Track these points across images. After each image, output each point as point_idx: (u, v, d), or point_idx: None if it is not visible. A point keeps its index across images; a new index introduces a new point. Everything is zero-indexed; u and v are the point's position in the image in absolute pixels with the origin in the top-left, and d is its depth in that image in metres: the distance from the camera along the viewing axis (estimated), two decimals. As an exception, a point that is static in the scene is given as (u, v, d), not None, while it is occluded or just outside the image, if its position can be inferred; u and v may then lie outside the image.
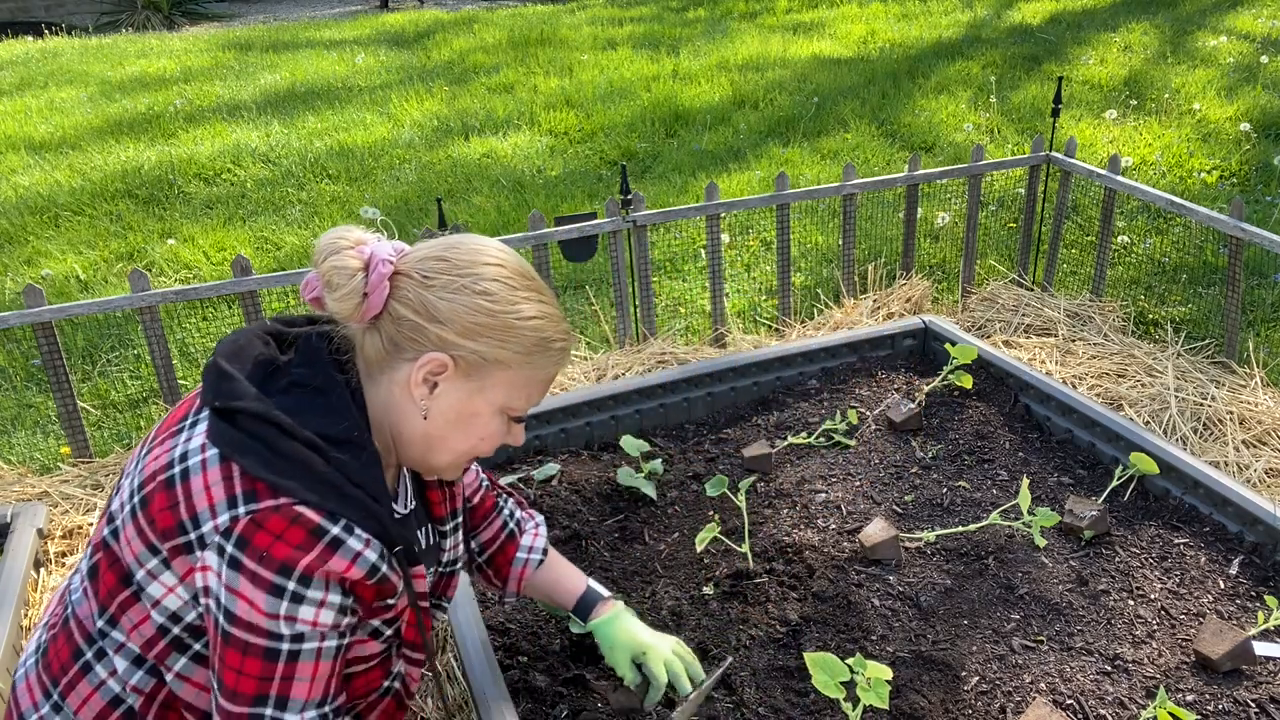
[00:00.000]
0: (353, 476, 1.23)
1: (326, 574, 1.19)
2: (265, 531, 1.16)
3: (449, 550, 1.61)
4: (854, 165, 3.50)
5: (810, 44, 7.95)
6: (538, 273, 1.38)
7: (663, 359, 3.16)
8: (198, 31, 10.13)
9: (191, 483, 1.20)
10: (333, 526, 1.19)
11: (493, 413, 1.34)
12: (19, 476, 2.84)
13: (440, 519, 1.57)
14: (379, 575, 1.24)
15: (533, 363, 1.32)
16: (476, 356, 1.28)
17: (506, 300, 1.28)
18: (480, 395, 1.31)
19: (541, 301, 1.32)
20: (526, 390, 1.35)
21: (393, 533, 1.26)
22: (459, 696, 1.97)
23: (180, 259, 4.47)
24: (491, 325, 1.27)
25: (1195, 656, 1.86)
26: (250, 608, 1.17)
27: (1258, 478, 2.51)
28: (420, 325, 1.26)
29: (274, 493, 1.18)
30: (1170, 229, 4.33)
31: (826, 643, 1.92)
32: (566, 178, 5.31)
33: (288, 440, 1.21)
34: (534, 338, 1.30)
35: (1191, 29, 7.59)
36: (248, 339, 1.33)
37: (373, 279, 1.25)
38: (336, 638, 1.25)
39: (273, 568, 1.16)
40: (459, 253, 1.30)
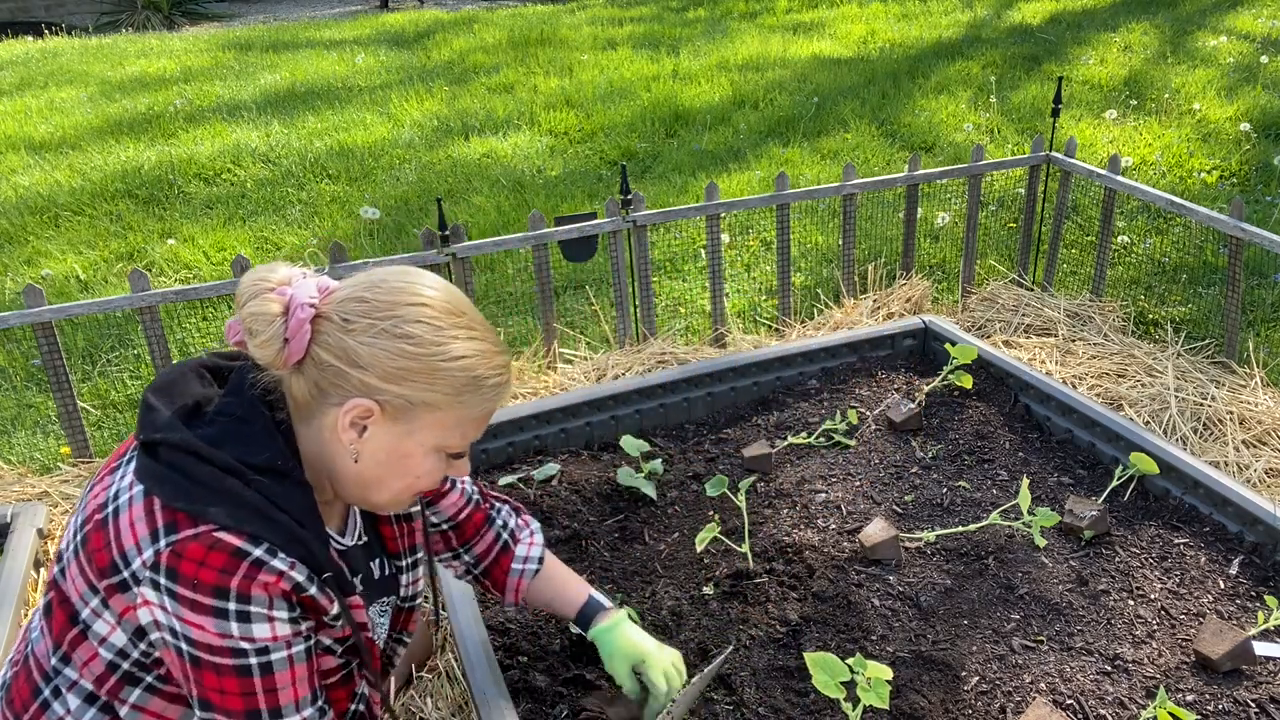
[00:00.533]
0: (277, 501, 1.21)
1: (264, 589, 1.18)
2: (188, 560, 1.15)
3: (406, 585, 1.59)
4: (854, 165, 3.50)
5: (810, 44, 7.95)
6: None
7: (663, 359, 3.16)
8: (198, 31, 10.13)
9: (120, 520, 1.20)
10: (254, 549, 1.18)
11: (425, 453, 1.30)
12: (19, 476, 2.84)
13: (395, 554, 1.56)
14: (307, 594, 1.23)
15: (464, 402, 1.28)
16: (402, 400, 1.25)
17: (430, 342, 1.24)
18: (410, 438, 1.28)
19: (471, 338, 1.28)
20: (460, 429, 1.31)
21: (320, 559, 1.24)
22: (459, 696, 1.97)
23: (180, 259, 4.47)
24: (416, 369, 1.24)
25: (1195, 656, 1.86)
26: (204, 632, 1.17)
27: (1258, 478, 2.51)
28: (342, 370, 1.23)
29: (193, 521, 1.17)
30: (1170, 229, 4.33)
31: (826, 643, 1.92)
32: (566, 178, 5.31)
33: (206, 467, 1.20)
34: (463, 378, 1.27)
35: (1191, 29, 7.59)
36: (180, 373, 1.32)
37: (292, 324, 1.22)
38: (302, 641, 1.25)
39: (208, 594, 1.16)
40: (380, 292, 1.25)
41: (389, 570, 1.56)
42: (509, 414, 2.60)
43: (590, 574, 2.16)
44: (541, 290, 3.14)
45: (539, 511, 2.37)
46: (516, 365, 3.15)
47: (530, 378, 3.12)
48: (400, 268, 1.31)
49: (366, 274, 1.29)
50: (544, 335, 3.24)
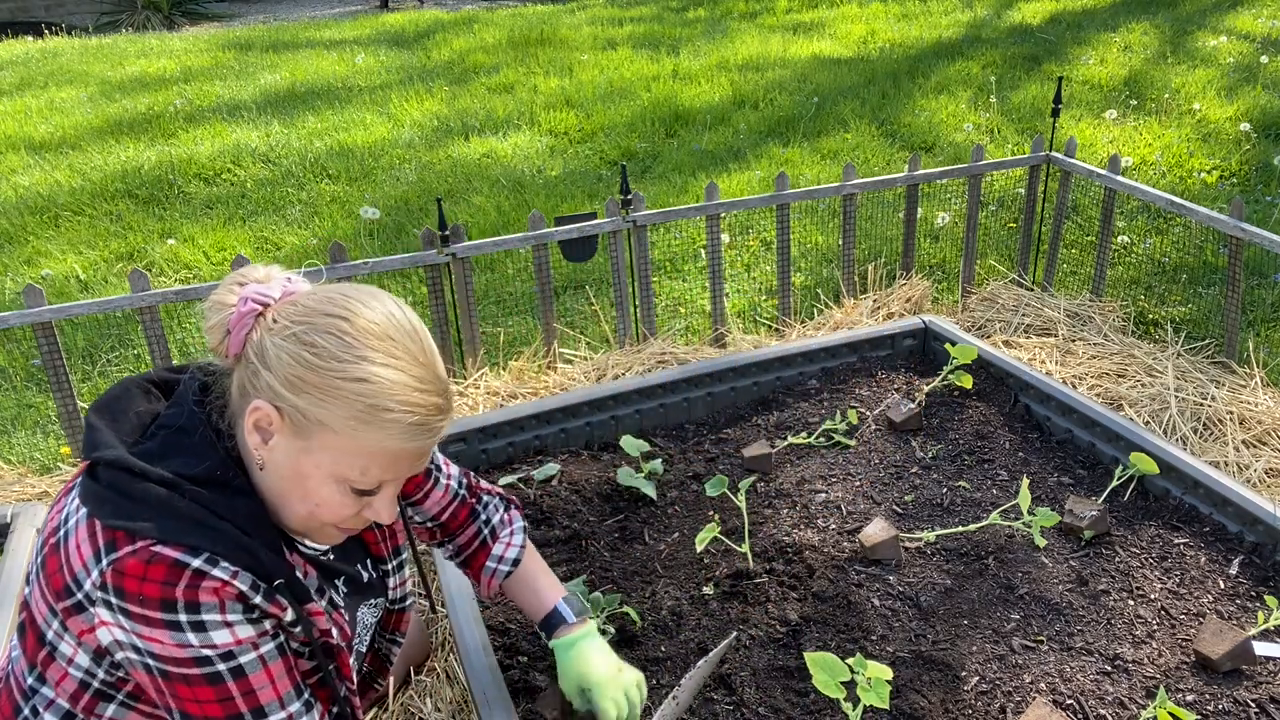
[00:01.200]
0: (217, 510, 1.19)
1: (212, 594, 1.16)
2: (130, 577, 1.14)
3: (394, 588, 1.58)
4: (854, 165, 3.50)
5: (810, 44, 7.95)
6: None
7: (663, 359, 3.16)
8: (198, 31, 10.13)
9: (69, 543, 1.20)
10: (193, 559, 1.16)
11: (323, 478, 1.23)
12: (19, 476, 2.84)
13: (380, 557, 1.54)
14: (253, 602, 1.21)
15: (359, 433, 1.19)
16: (298, 412, 1.19)
17: (333, 356, 1.17)
18: (307, 456, 1.22)
19: (388, 365, 1.19)
20: (360, 461, 1.21)
21: (269, 567, 1.21)
22: (459, 697, 1.97)
23: (180, 259, 4.47)
24: (311, 381, 1.18)
25: (1195, 656, 1.86)
26: (164, 646, 1.16)
27: (1258, 478, 2.51)
28: (256, 369, 1.20)
29: (131, 538, 1.16)
30: (1170, 229, 4.33)
31: (826, 643, 1.92)
32: (566, 178, 5.31)
33: (141, 483, 1.18)
34: (361, 403, 1.18)
35: (1191, 29, 7.59)
36: (124, 389, 1.31)
37: (234, 316, 1.21)
38: (270, 640, 1.23)
39: (155, 608, 1.14)
40: (317, 299, 1.22)
41: (376, 574, 1.55)
42: (509, 414, 2.60)
43: (590, 574, 2.16)
44: (541, 290, 3.14)
45: (539, 511, 2.37)
46: (516, 365, 3.15)
47: (530, 378, 3.12)
48: (359, 286, 1.27)
49: (333, 284, 1.27)
50: (544, 335, 3.23)
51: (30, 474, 2.89)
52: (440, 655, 2.07)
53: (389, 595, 1.58)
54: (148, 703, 1.26)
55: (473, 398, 2.98)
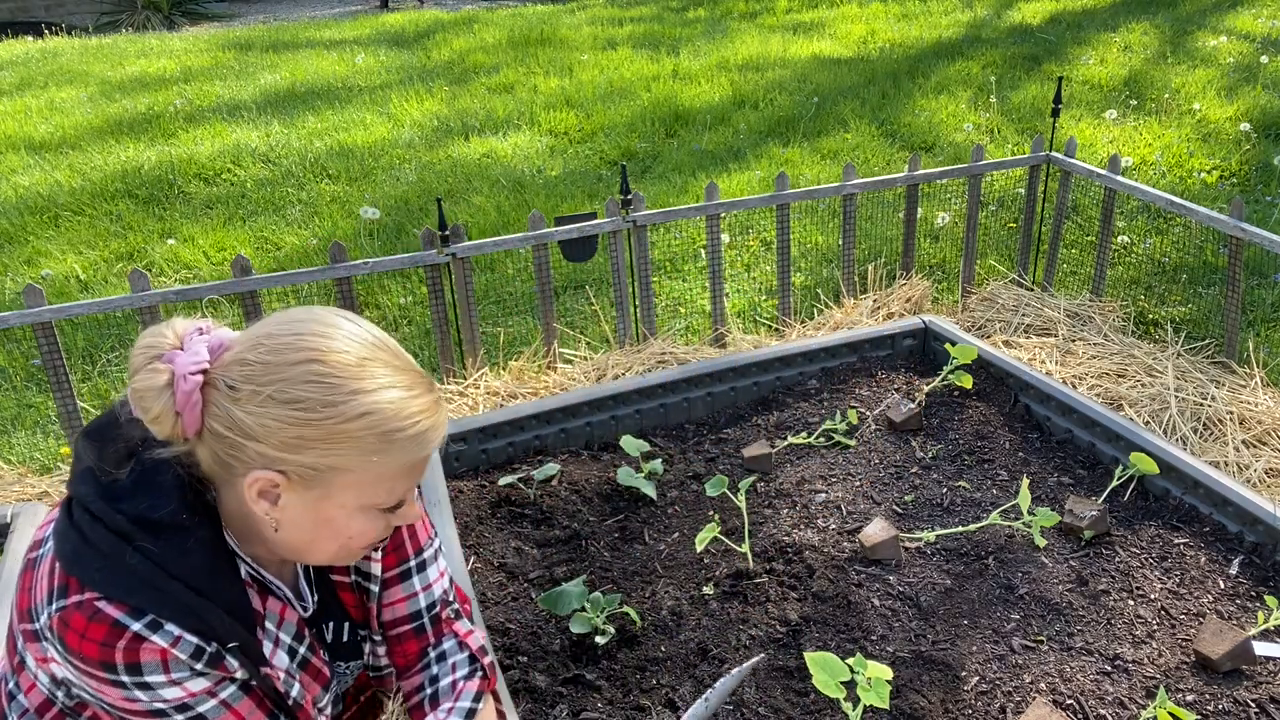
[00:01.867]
0: (167, 567, 1.12)
1: (156, 655, 1.11)
2: (71, 630, 1.09)
3: (369, 654, 1.44)
4: (854, 165, 3.50)
5: (810, 44, 7.95)
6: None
7: (663, 359, 3.16)
8: (198, 31, 10.13)
9: (39, 570, 1.16)
10: (133, 623, 1.09)
11: (350, 514, 1.18)
12: (19, 476, 2.84)
13: (360, 621, 1.42)
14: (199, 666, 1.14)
15: (379, 461, 1.15)
16: (305, 469, 1.13)
17: (321, 404, 1.11)
18: (328, 501, 1.16)
19: (380, 389, 1.14)
20: (385, 485, 1.18)
21: (218, 629, 1.14)
22: (459, 696, 1.97)
23: (180, 259, 4.47)
24: (311, 436, 1.11)
25: (1195, 656, 1.86)
26: (114, 699, 1.12)
27: (1258, 478, 2.51)
28: (237, 442, 1.12)
29: (80, 587, 1.10)
30: (1170, 229, 4.33)
31: (826, 643, 1.92)
32: (566, 178, 5.31)
33: (100, 529, 1.12)
34: (371, 436, 1.13)
35: (1191, 29, 7.59)
36: (112, 416, 1.23)
37: (179, 398, 1.11)
38: (230, 685, 1.18)
39: (96, 667, 1.10)
40: (266, 351, 1.12)
41: (356, 636, 1.43)
42: (509, 414, 2.60)
43: (590, 574, 2.16)
44: (541, 290, 3.14)
45: (539, 511, 2.37)
46: (516, 365, 3.15)
47: (530, 378, 3.12)
48: (293, 315, 1.17)
49: (259, 326, 1.17)
50: (544, 335, 3.24)
51: (30, 474, 2.89)
52: (440, 655, 2.07)
53: (365, 660, 1.45)
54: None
55: (473, 398, 2.99)
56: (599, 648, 1.91)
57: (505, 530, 2.32)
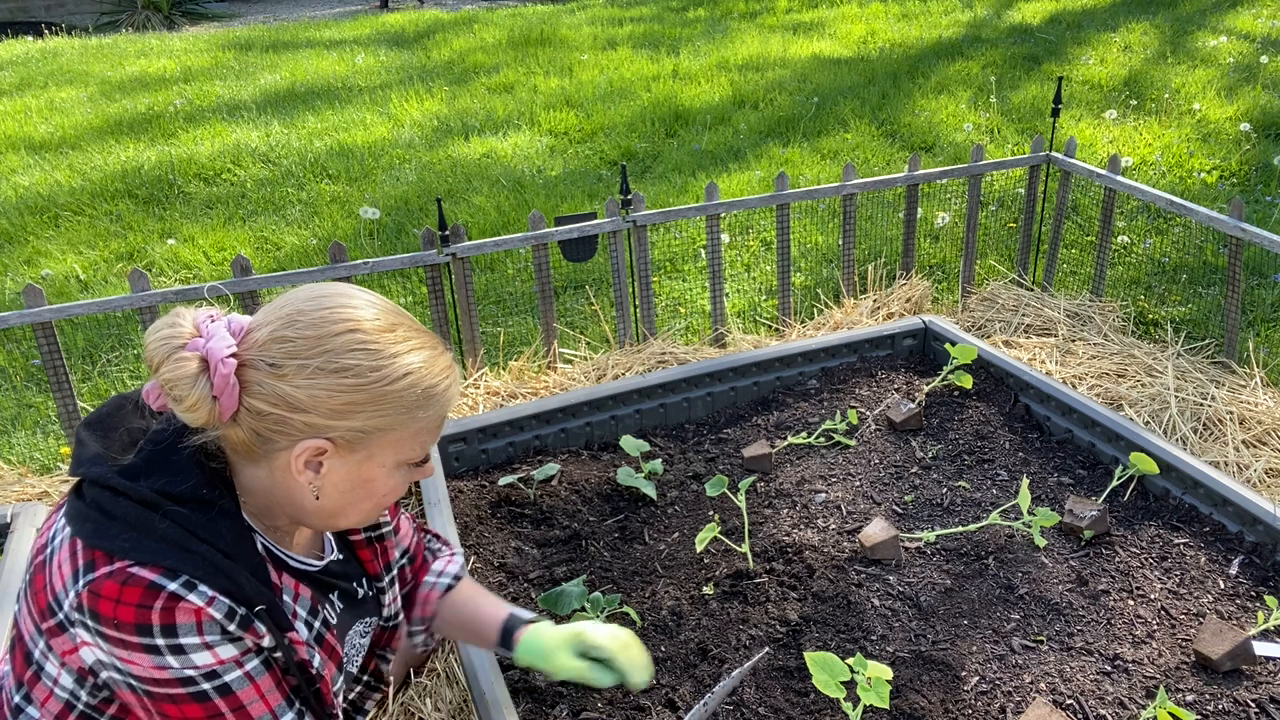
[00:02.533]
0: (197, 532, 1.16)
1: (191, 616, 1.13)
2: (104, 599, 1.11)
3: (388, 605, 1.56)
4: (854, 165, 3.50)
5: (810, 44, 7.95)
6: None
7: (663, 359, 3.16)
8: (198, 31, 10.13)
9: (54, 562, 1.18)
10: (169, 582, 1.12)
11: (388, 472, 1.27)
12: (19, 476, 2.84)
13: (375, 575, 1.53)
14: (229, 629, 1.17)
15: (417, 417, 1.24)
16: (354, 432, 1.20)
17: (370, 369, 1.18)
18: (370, 462, 1.24)
19: (412, 349, 1.22)
20: (420, 439, 1.27)
21: (249, 590, 1.18)
22: (458, 698, 1.97)
23: (180, 259, 4.47)
24: (362, 400, 1.19)
25: (1195, 656, 1.86)
26: (144, 669, 1.14)
27: (1258, 478, 2.51)
28: (283, 417, 1.17)
29: (109, 558, 1.13)
30: (1170, 229, 4.33)
31: (826, 643, 1.92)
32: (566, 178, 5.31)
33: (123, 501, 1.15)
34: (412, 395, 1.22)
35: (1191, 29, 7.59)
36: (116, 405, 1.28)
37: (217, 382, 1.15)
38: (255, 656, 1.21)
39: (130, 631, 1.12)
40: (303, 326, 1.18)
41: (371, 591, 1.53)
42: (509, 414, 2.60)
43: (590, 574, 2.16)
44: (541, 290, 3.14)
45: (539, 511, 2.37)
46: (516, 365, 3.15)
47: (530, 378, 3.12)
48: (314, 292, 1.23)
49: (280, 307, 1.21)
50: (544, 335, 3.23)
51: (30, 474, 2.88)
52: (440, 655, 2.07)
53: (383, 612, 1.56)
54: None
55: (473, 398, 2.98)
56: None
57: (505, 530, 2.32)
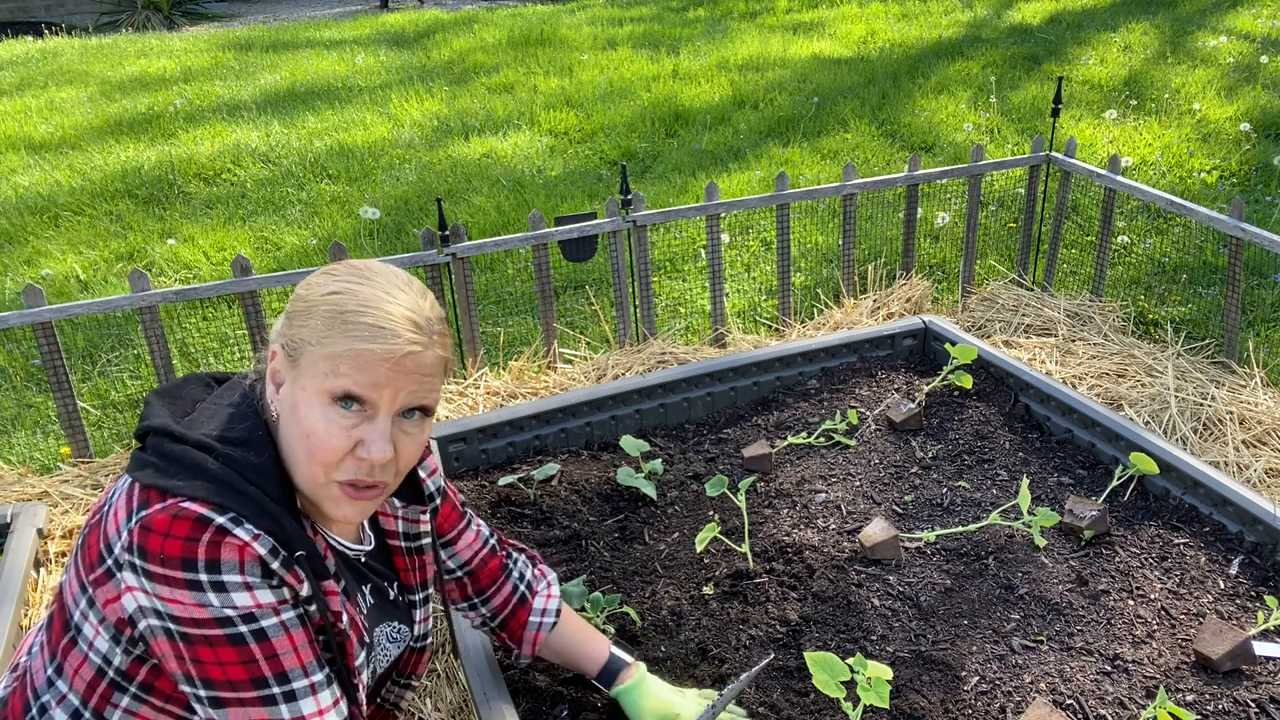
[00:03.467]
0: (247, 475, 1.23)
1: (234, 552, 1.17)
2: (154, 533, 1.16)
3: (420, 621, 1.56)
4: (854, 165, 3.50)
5: (810, 44, 7.95)
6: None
7: (663, 359, 3.16)
8: (198, 31, 10.13)
9: (110, 514, 1.23)
10: (218, 516, 1.18)
11: (310, 399, 1.25)
12: (19, 476, 2.84)
13: (409, 587, 1.55)
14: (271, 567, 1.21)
15: (331, 337, 1.25)
16: (290, 342, 1.28)
17: (315, 284, 1.30)
18: (297, 384, 1.27)
19: (363, 285, 1.28)
20: (331, 364, 1.25)
21: (291, 534, 1.23)
22: (458, 697, 1.97)
23: (180, 259, 4.47)
24: (298, 309, 1.29)
25: (1195, 656, 1.86)
26: (185, 607, 1.17)
27: (1258, 478, 2.51)
28: (276, 326, 1.33)
29: (162, 495, 1.19)
30: (1170, 229, 4.33)
31: (826, 643, 1.92)
32: (566, 178, 5.31)
33: (178, 445, 1.23)
34: (329, 311, 1.26)
35: (1191, 29, 7.59)
36: (185, 380, 1.39)
37: None
38: (292, 609, 1.24)
39: (175, 566, 1.16)
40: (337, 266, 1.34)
41: (403, 598, 1.54)
42: (509, 414, 2.60)
43: (590, 574, 2.16)
44: (541, 290, 3.14)
45: (539, 511, 2.37)
46: (516, 365, 3.15)
47: (530, 378, 3.12)
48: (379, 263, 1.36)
49: None
50: (544, 335, 3.24)
51: (30, 474, 2.88)
52: (440, 656, 2.07)
53: (414, 629, 1.56)
54: (159, 695, 1.25)
55: (473, 398, 2.98)
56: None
57: (505, 530, 2.32)
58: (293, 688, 1.23)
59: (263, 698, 1.21)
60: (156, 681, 1.25)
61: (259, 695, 1.21)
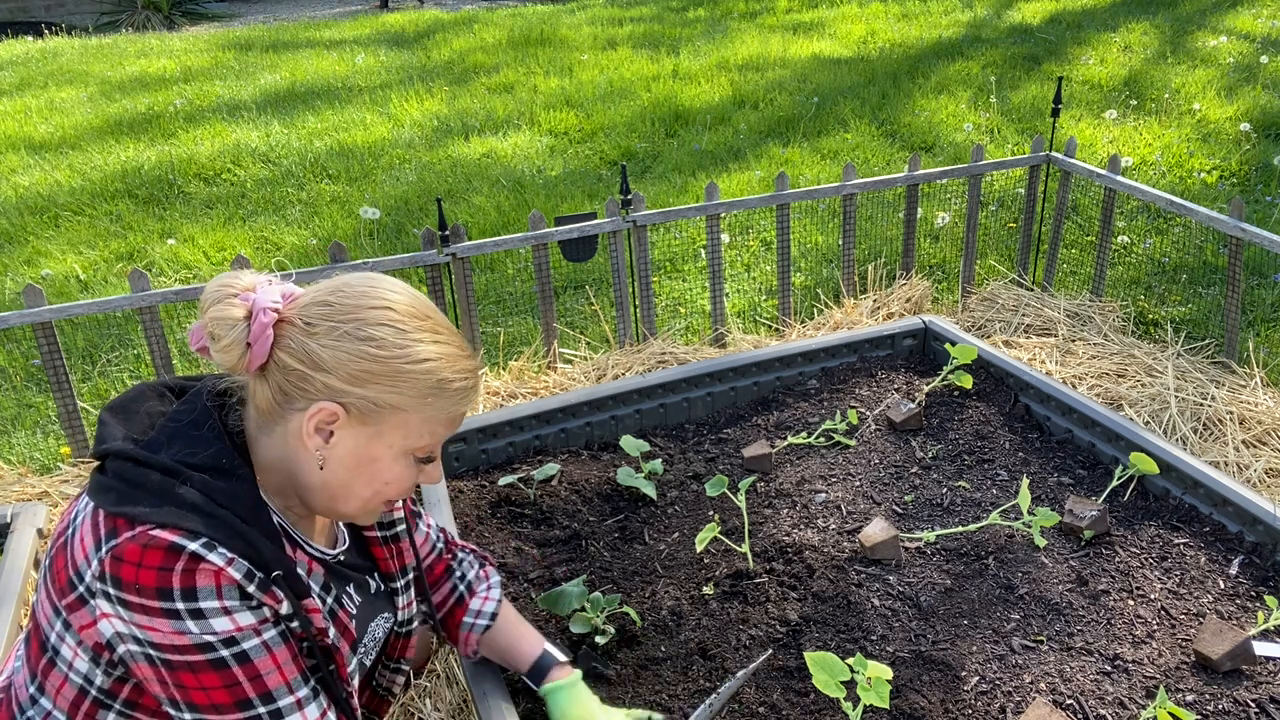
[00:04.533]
0: (216, 498, 1.20)
1: (209, 579, 1.15)
2: (127, 563, 1.14)
3: (403, 609, 1.58)
4: (854, 165, 3.50)
5: (810, 44, 7.95)
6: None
7: (663, 359, 3.16)
8: (198, 31, 10.13)
9: (75, 539, 1.20)
10: (190, 543, 1.15)
11: (394, 457, 1.30)
12: (19, 476, 2.84)
13: (389, 575, 1.55)
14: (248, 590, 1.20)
15: (430, 405, 1.28)
16: (367, 403, 1.25)
17: (393, 345, 1.24)
18: (379, 440, 1.28)
19: (436, 342, 1.28)
20: (430, 429, 1.30)
21: (266, 555, 1.21)
22: (458, 698, 1.97)
23: (180, 259, 4.47)
24: (380, 371, 1.24)
25: (1195, 656, 1.86)
26: (163, 635, 1.15)
27: (1258, 478, 2.51)
28: (306, 374, 1.23)
29: (131, 524, 1.16)
30: (1170, 229, 4.33)
31: (826, 643, 1.92)
32: (566, 178, 5.31)
33: (143, 470, 1.20)
34: (428, 381, 1.26)
35: (1191, 29, 7.59)
36: (139, 392, 1.34)
37: (255, 329, 1.22)
38: (273, 627, 1.23)
39: (151, 596, 1.14)
40: (344, 296, 1.26)
41: (384, 587, 1.55)
42: (509, 414, 2.60)
43: (590, 574, 2.16)
44: (541, 290, 3.14)
45: (539, 511, 2.37)
46: (516, 365, 3.15)
47: (530, 378, 3.12)
48: (365, 274, 1.31)
49: (331, 280, 1.29)
50: (544, 335, 3.24)
51: (30, 474, 2.89)
52: (440, 656, 2.07)
53: (398, 614, 1.57)
54: (145, 710, 1.24)
55: (473, 398, 2.98)
56: (599, 648, 1.91)
57: (505, 530, 2.32)
58: (278, 706, 1.22)
59: (248, 719, 1.20)
60: (141, 699, 1.24)
61: (245, 717, 1.20)
